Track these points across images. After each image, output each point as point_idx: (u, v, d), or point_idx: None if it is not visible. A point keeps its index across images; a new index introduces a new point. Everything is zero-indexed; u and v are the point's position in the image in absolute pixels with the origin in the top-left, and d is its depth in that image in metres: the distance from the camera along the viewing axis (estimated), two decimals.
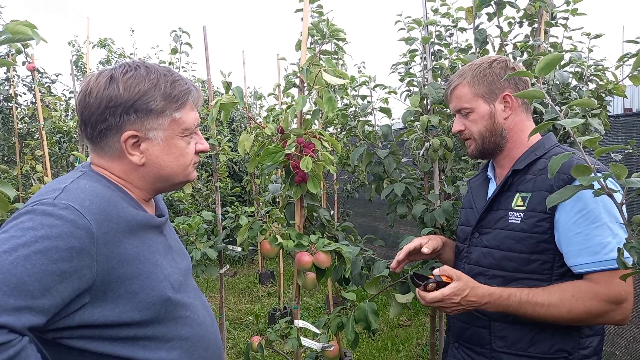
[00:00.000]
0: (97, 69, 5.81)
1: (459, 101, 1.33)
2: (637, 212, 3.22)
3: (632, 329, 3.42)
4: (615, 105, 8.12)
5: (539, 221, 1.19)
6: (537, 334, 1.20)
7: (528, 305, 1.14)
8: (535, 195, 1.21)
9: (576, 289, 1.12)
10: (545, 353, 1.19)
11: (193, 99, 1.00)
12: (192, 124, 1.00)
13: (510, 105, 1.29)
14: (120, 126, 0.92)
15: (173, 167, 0.99)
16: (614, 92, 2.15)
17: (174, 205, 4.02)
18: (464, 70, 1.34)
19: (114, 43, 6.22)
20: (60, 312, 0.80)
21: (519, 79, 1.30)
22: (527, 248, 1.20)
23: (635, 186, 0.91)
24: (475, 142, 1.34)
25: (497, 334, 1.24)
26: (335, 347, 1.72)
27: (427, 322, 4.23)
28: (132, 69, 0.94)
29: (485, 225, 1.31)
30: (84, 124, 0.94)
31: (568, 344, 1.18)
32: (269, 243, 1.68)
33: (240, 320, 4.51)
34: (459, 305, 1.17)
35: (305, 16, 1.78)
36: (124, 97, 0.91)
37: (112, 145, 0.95)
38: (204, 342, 1.01)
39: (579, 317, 1.12)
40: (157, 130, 0.95)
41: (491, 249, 1.27)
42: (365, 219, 6.68)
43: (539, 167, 1.24)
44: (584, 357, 1.19)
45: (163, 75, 0.96)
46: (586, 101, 1.06)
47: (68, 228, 0.80)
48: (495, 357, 1.24)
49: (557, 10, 2.29)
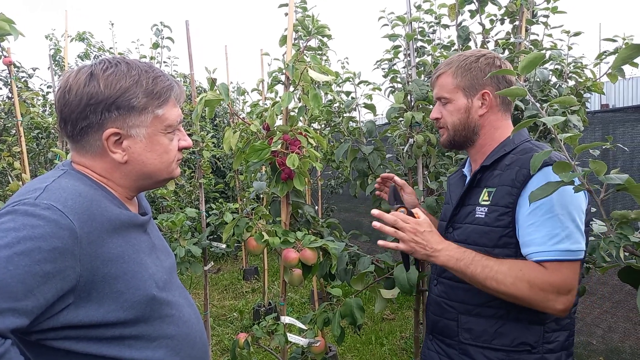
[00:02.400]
0: (75, 63, 5.68)
1: (440, 89, 1.35)
2: (614, 208, 3.30)
3: (608, 319, 3.52)
4: (593, 101, 8.31)
5: (500, 215, 1.21)
6: (501, 327, 1.22)
7: (478, 264, 1.16)
8: (498, 190, 1.23)
9: (527, 267, 1.14)
10: (508, 346, 1.21)
11: (175, 95, 0.99)
12: (174, 121, 0.99)
13: (487, 103, 1.30)
14: (101, 124, 0.91)
15: (156, 165, 0.98)
16: (593, 89, 2.20)
17: (156, 202, 3.97)
18: (452, 59, 1.34)
19: (92, 37, 6.10)
20: (44, 314, 0.79)
21: (501, 77, 1.30)
22: (490, 242, 1.22)
23: (613, 182, 0.94)
24: (448, 132, 1.36)
25: (463, 326, 1.28)
26: (322, 342, 1.73)
27: (410, 315, 4.28)
28: (112, 65, 0.92)
29: (457, 220, 1.34)
30: (64, 121, 0.92)
31: (531, 338, 1.20)
32: (255, 240, 1.68)
33: (225, 316, 4.49)
34: (421, 239, 1.21)
35: (290, 12, 1.77)
36: (105, 94, 0.89)
37: (93, 143, 0.93)
38: (190, 340, 1.01)
39: (521, 292, 1.13)
40: (139, 128, 0.94)
41: (460, 242, 1.29)
42: (349, 214, 6.71)
43: (506, 163, 1.25)
44: (549, 351, 1.20)
45: (144, 71, 0.94)
46: (567, 99, 1.08)
47: (51, 228, 0.78)
48: (463, 348, 1.27)
49: (538, 8, 2.33)
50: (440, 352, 1.34)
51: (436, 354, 1.35)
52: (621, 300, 3.62)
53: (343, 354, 3.60)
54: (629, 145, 3.52)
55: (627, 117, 3.62)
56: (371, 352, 3.63)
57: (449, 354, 1.31)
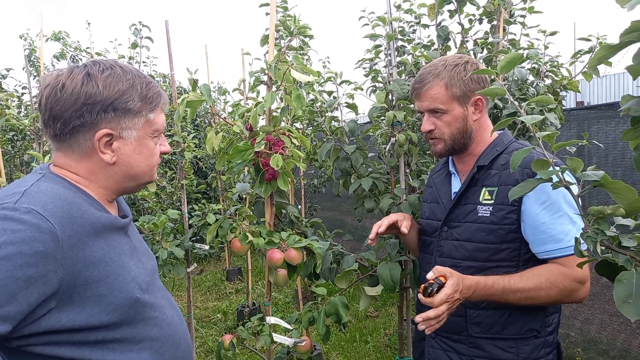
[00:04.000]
0: (51, 63, 5.52)
1: (433, 101, 1.33)
2: (590, 204, 3.38)
3: (584, 311, 3.61)
4: (568, 99, 8.49)
5: (507, 213, 1.26)
6: (509, 317, 1.28)
7: (510, 292, 1.21)
8: (502, 189, 1.28)
9: (549, 273, 1.21)
10: (517, 334, 1.28)
11: (163, 102, 1.02)
12: (162, 126, 1.03)
13: (480, 109, 1.35)
14: (95, 124, 0.91)
15: (142, 167, 1.00)
16: (569, 87, 2.25)
17: (137, 204, 3.92)
18: (438, 69, 1.33)
19: (69, 36, 5.97)
20: (26, 319, 0.78)
21: (484, 80, 1.34)
22: (498, 239, 1.28)
23: (590, 179, 0.97)
24: (445, 142, 1.36)
25: (472, 320, 1.31)
26: (307, 341, 1.74)
27: (394, 312, 4.32)
28: (108, 68, 0.94)
29: (454, 219, 1.37)
30: (54, 119, 0.91)
31: (536, 324, 1.28)
32: (239, 241, 1.67)
33: (208, 318, 4.46)
34: (459, 301, 1.16)
35: (272, 12, 1.77)
36: (103, 95, 0.91)
37: (83, 143, 0.93)
38: (173, 342, 1.01)
39: (554, 297, 1.21)
40: (131, 130, 0.96)
41: (463, 241, 1.34)
42: (332, 213, 6.73)
43: (501, 163, 1.31)
44: (549, 333, 1.30)
45: (137, 76, 0.97)
46: (544, 98, 1.11)
47: (32, 232, 0.77)
48: (473, 342, 1.31)
49: (515, 8, 2.37)
50: (447, 349, 1.36)
51: (442, 352, 1.37)
52: (598, 292, 3.72)
53: (328, 353, 3.61)
54: (604, 141, 3.61)
55: (602, 114, 3.72)
56: (356, 350, 3.66)
57: (457, 349, 1.34)
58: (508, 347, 1.28)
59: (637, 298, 0.85)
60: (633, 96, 0.87)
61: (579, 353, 3.22)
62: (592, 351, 3.22)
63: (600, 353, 3.18)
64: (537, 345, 1.28)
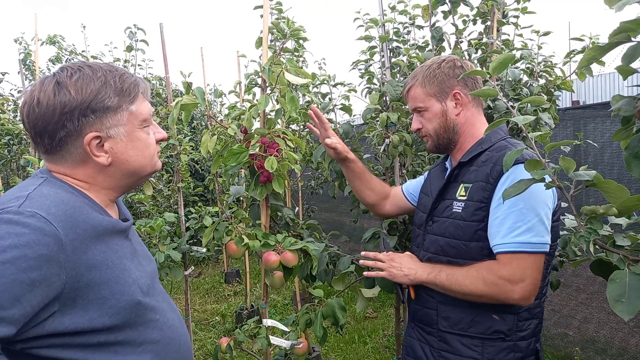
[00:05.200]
0: (47, 67, 5.52)
1: (414, 101, 1.43)
2: (585, 204, 3.37)
3: (583, 310, 3.62)
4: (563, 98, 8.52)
5: (476, 210, 1.27)
6: (477, 316, 1.29)
7: (444, 273, 1.29)
8: (474, 186, 1.29)
9: (482, 266, 1.24)
10: (483, 333, 1.28)
11: (142, 90, 1.00)
12: (148, 114, 1.00)
13: (460, 102, 1.38)
14: (79, 130, 0.90)
15: (140, 160, 0.99)
16: (563, 87, 2.26)
17: (134, 207, 3.91)
18: (416, 72, 1.43)
19: (64, 40, 5.97)
20: (29, 322, 0.78)
21: (470, 78, 1.38)
22: (466, 235, 1.29)
23: (582, 178, 0.97)
24: (431, 138, 1.43)
25: (442, 314, 1.34)
26: (304, 343, 1.74)
27: (392, 313, 4.32)
28: (76, 71, 0.92)
29: (436, 214, 1.40)
30: (40, 135, 0.91)
31: (504, 326, 1.27)
32: (235, 244, 1.67)
33: (207, 320, 4.45)
34: (393, 264, 1.41)
35: (265, 14, 1.77)
36: (77, 100, 0.89)
37: (74, 151, 0.92)
38: (174, 345, 1.01)
39: (479, 290, 1.22)
40: (117, 127, 0.94)
41: (438, 236, 1.37)
42: (330, 214, 6.73)
43: (482, 160, 1.32)
44: (521, 338, 1.28)
45: (109, 71, 0.95)
46: (537, 98, 1.12)
47: (36, 236, 0.78)
48: (441, 336, 1.34)
49: (509, 8, 2.38)
50: (421, 339, 1.40)
51: (417, 341, 1.42)
52: (595, 291, 3.73)
53: (326, 354, 3.61)
54: (599, 140, 3.62)
55: (597, 113, 3.73)
56: (354, 351, 3.65)
57: (428, 340, 1.37)
58: (473, 345, 1.28)
59: (630, 297, 0.85)
60: (623, 96, 0.88)
61: (577, 352, 3.23)
62: (591, 350, 3.22)
63: (598, 352, 3.19)
64: (504, 348, 1.27)
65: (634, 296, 0.84)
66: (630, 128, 0.85)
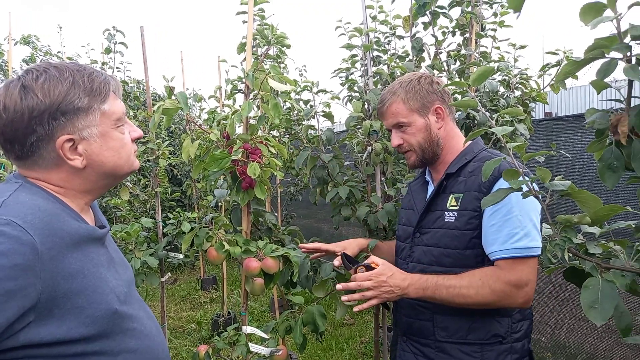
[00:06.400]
0: (20, 68, 5.38)
1: (395, 117, 1.43)
2: (559, 212, 3.48)
3: (554, 316, 3.71)
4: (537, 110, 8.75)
5: (470, 219, 1.31)
6: (474, 323, 1.31)
7: (443, 288, 1.26)
8: (466, 196, 1.33)
9: (483, 273, 1.26)
10: (482, 339, 1.31)
11: (113, 88, 0.97)
12: (121, 113, 0.97)
13: (441, 116, 1.42)
14: (50, 134, 0.87)
15: (116, 161, 0.96)
16: (537, 99, 2.33)
17: (109, 212, 3.83)
18: (394, 88, 1.44)
19: (39, 40, 5.83)
20: (3, 333, 0.76)
21: (443, 91, 1.43)
22: (462, 244, 1.32)
23: (558, 188, 1.01)
24: (416, 153, 1.44)
25: (439, 325, 1.35)
26: (284, 350, 1.73)
27: (369, 320, 4.34)
28: (41, 73, 0.88)
29: (425, 225, 1.42)
30: (10, 142, 0.88)
31: (501, 330, 1.31)
32: (215, 250, 1.66)
33: (182, 328, 4.38)
34: (388, 286, 1.28)
35: (249, 20, 1.78)
36: (45, 103, 0.86)
37: (46, 156, 0.89)
38: (152, 353, 1.00)
39: (486, 299, 1.24)
40: (90, 128, 0.91)
41: (430, 247, 1.38)
42: (309, 220, 6.72)
43: (469, 170, 1.36)
44: (516, 340, 1.32)
45: (76, 71, 0.91)
46: (514, 110, 1.15)
47: (12, 245, 0.75)
48: (439, 346, 1.34)
49: (486, 22, 2.45)
50: (417, 352, 1.40)
51: (412, 355, 1.41)
52: (566, 298, 3.82)
53: None
54: (571, 151, 3.73)
55: (569, 124, 3.85)
56: (332, 358, 3.65)
57: (425, 353, 1.37)
58: (473, 351, 1.31)
59: (603, 303, 0.88)
60: (597, 109, 0.91)
61: (549, 357, 3.30)
62: (562, 355, 3.30)
63: (569, 357, 3.27)
64: (503, 351, 1.30)
65: (606, 302, 0.88)
66: (603, 140, 0.89)
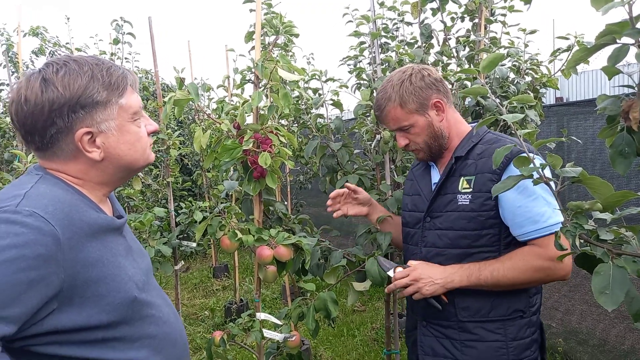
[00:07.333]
0: (30, 59, 5.41)
1: (396, 122, 1.44)
2: (569, 199, 3.45)
3: (565, 302, 3.71)
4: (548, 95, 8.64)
5: (485, 200, 1.32)
6: (494, 300, 1.34)
7: (487, 272, 1.30)
8: (479, 178, 1.34)
9: (523, 254, 1.29)
10: (504, 315, 1.34)
11: (131, 82, 0.99)
12: (138, 107, 0.99)
13: (441, 108, 1.42)
14: (70, 127, 0.90)
15: (132, 154, 0.99)
16: (548, 85, 2.31)
17: (121, 202, 3.88)
18: (387, 92, 1.42)
19: (47, 31, 5.86)
20: (28, 320, 0.79)
21: (436, 80, 1.42)
22: (478, 225, 1.34)
23: (569, 175, 1.01)
24: (423, 150, 1.46)
25: (460, 305, 1.37)
26: (297, 336, 1.76)
27: (380, 306, 4.37)
28: (62, 66, 0.90)
29: (436, 209, 1.43)
30: (31, 134, 0.90)
31: (521, 304, 1.35)
32: (228, 239, 1.68)
33: (195, 315, 4.46)
34: (427, 278, 1.34)
35: (257, 9, 1.78)
36: (65, 97, 0.88)
37: (65, 148, 0.92)
38: (171, 339, 1.03)
39: (532, 277, 1.28)
40: (108, 121, 0.93)
41: (445, 230, 1.40)
42: (318, 209, 6.75)
43: (477, 152, 1.38)
44: (533, 313, 1.37)
45: (95, 65, 0.93)
46: (525, 97, 1.15)
47: (34, 235, 0.78)
48: (462, 326, 1.37)
49: (496, 7, 2.42)
50: (439, 336, 1.42)
51: (434, 339, 1.43)
52: (578, 284, 3.82)
53: (316, 347, 3.64)
54: (582, 136, 3.70)
55: (580, 110, 3.81)
56: (343, 344, 3.70)
57: (447, 334, 1.40)
58: (496, 328, 1.34)
59: (614, 289, 0.89)
60: (608, 96, 0.91)
61: (560, 343, 3.32)
62: (573, 341, 3.31)
63: (580, 343, 3.28)
64: (523, 325, 1.35)
65: (617, 288, 0.88)
66: (614, 126, 0.88)
